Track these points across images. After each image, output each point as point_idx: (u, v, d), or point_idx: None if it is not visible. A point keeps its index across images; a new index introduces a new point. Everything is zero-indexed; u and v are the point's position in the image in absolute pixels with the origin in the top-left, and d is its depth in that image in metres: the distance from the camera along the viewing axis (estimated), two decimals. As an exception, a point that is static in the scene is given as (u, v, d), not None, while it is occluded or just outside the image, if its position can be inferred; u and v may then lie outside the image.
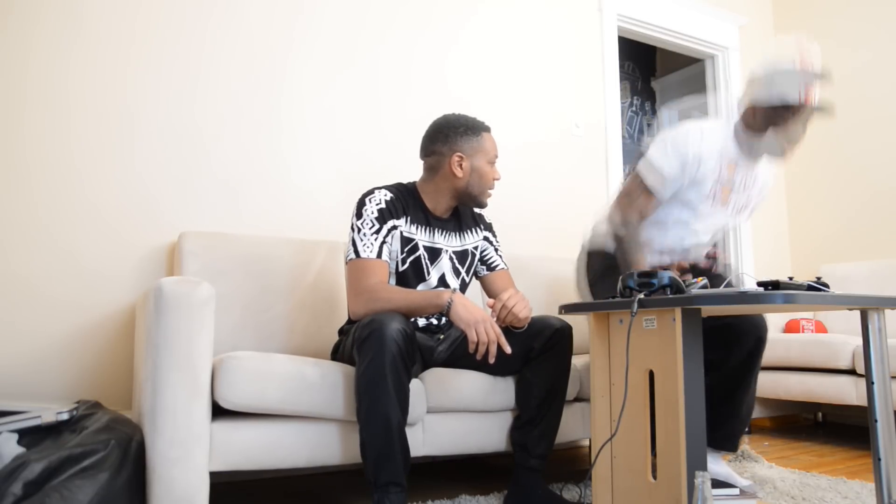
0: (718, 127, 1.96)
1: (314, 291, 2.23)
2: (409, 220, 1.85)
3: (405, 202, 1.86)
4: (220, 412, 1.57)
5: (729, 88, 3.74)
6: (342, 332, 1.94)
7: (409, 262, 1.85)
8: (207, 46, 2.36)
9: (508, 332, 1.80)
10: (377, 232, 1.79)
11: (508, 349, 1.70)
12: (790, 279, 1.50)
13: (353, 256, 1.78)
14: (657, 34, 3.56)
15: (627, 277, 1.54)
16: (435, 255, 1.89)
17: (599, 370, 1.68)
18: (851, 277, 3.33)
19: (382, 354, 1.53)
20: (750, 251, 3.67)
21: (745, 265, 3.62)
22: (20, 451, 1.42)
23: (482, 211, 2.07)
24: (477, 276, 2.05)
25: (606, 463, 1.65)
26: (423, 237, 1.87)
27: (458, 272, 1.94)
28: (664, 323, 1.48)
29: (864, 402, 2.66)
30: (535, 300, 2.53)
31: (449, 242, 1.93)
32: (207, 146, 2.32)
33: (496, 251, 2.06)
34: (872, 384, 1.61)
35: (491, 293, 2.04)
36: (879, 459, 1.58)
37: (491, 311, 1.78)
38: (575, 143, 3.19)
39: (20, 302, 1.99)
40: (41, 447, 1.44)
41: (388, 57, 2.71)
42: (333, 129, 2.56)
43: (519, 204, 2.97)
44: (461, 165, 1.85)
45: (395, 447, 1.56)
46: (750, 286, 1.44)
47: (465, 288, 1.98)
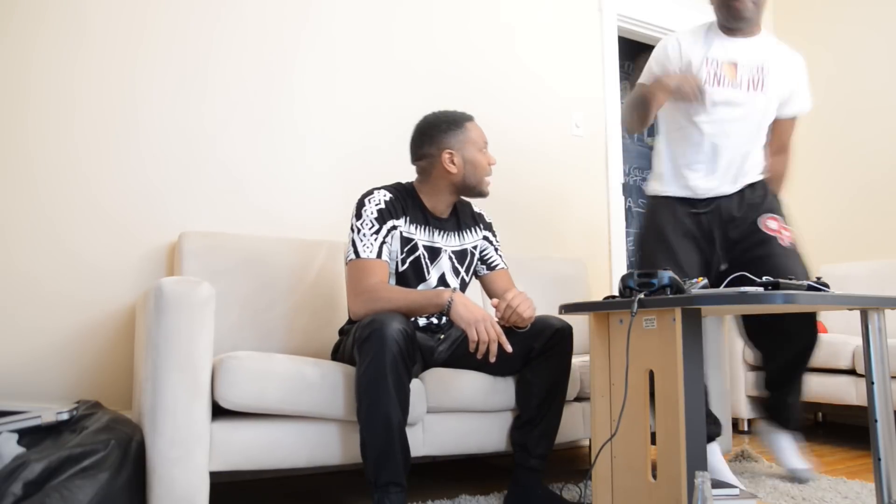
0: (696, 29, 2.18)
1: (314, 291, 2.23)
2: (408, 220, 1.85)
3: (404, 202, 1.86)
4: (220, 412, 1.57)
5: (729, 88, 3.74)
6: (342, 332, 1.94)
7: (408, 262, 1.85)
8: (210, 47, 2.35)
9: (509, 331, 1.79)
10: (377, 232, 1.79)
11: (509, 348, 1.70)
12: (790, 279, 1.50)
13: (352, 257, 1.78)
14: (657, 34, 3.56)
15: (627, 277, 1.54)
16: (434, 254, 1.89)
17: (599, 370, 1.68)
18: (851, 277, 3.33)
19: (383, 354, 1.53)
20: (750, 251, 3.66)
21: (745, 265, 3.60)
22: (20, 451, 1.42)
23: (480, 207, 2.07)
24: (477, 275, 2.05)
25: (606, 463, 1.65)
26: (422, 237, 1.87)
27: (457, 272, 1.94)
28: (664, 323, 1.48)
29: (864, 402, 2.66)
30: (535, 300, 2.52)
31: (448, 242, 1.93)
32: (209, 146, 2.32)
33: (496, 251, 2.06)
34: (872, 384, 1.61)
35: (491, 292, 2.04)
36: (879, 459, 1.58)
37: (495, 310, 1.78)
38: (575, 143, 3.19)
39: (20, 301, 1.99)
40: (41, 447, 1.44)
41: (389, 57, 2.71)
42: (335, 129, 2.56)
43: (519, 204, 2.97)
44: (453, 161, 1.85)
45: (395, 447, 1.56)
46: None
47: (464, 287, 1.98)
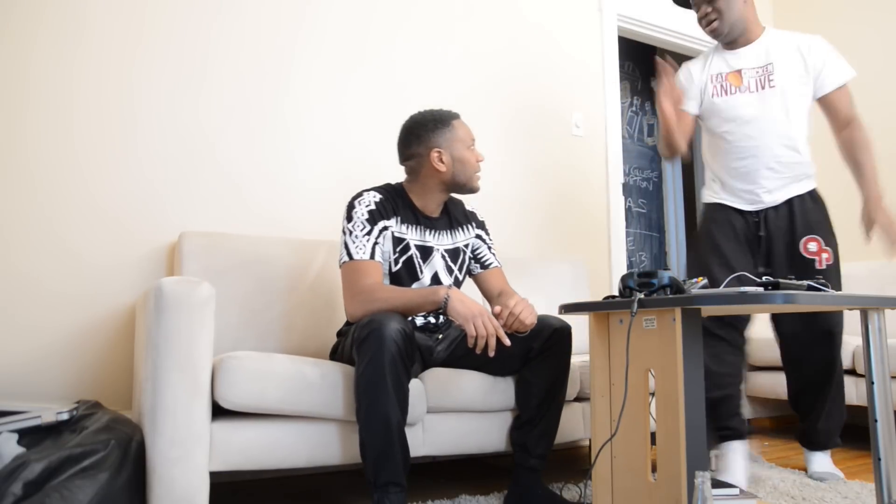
0: (705, 52, 2.35)
1: (314, 291, 2.23)
2: (399, 220, 1.86)
3: (394, 203, 1.87)
4: (220, 412, 1.57)
5: (729, 88, 3.74)
6: (340, 333, 1.94)
7: (401, 261, 1.85)
8: (210, 47, 2.35)
9: (509, 335, 1.78)
10: (368, 233, 1.79)
11: (507, 341, 1.69)
12: (790, 279, 1.50)
13: (346, 259, 1.78)
14: (657, 34, 3.56)
15: (627, 277, 1.54)
16: (427, 254, 1.89)
17: (599, 370, 1.68)
18: (851, 277, 3.32)
19: (381, 354, 1.53)
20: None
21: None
22: (20, 451, 1.42)
23: (479, 206, 2.07)
24: (471, 274, 2.05)
25: (606, 463, 1.65)
26: (413, 237, 1.87)
27: (450, 270, 1.94)
28: (664, 323, 1.48)
29: (864, 402, 2.66)
30: (534, 300, 2.52)
31: (440, 241, 1.93)
32: (209, 146, 2.32)
33: (489, 249, 2.06)
34: (872, 384, 1.61)
35: (485, 291, 2.04)
36: (879, 459, 1.58)
37: (498, 318, 1.76)
38: (575, 143, 3.19)
39: (20, 301, 1.99)
40: (41, 447, 1.44)
41: (391, 57, 2.71)
42: (335, 129, 2.56)
43: (519, 204, 2.97)
44: (442, 160, 1.85)
45: (394, 447, 1.56)
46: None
47: (459, 286, 1.98)
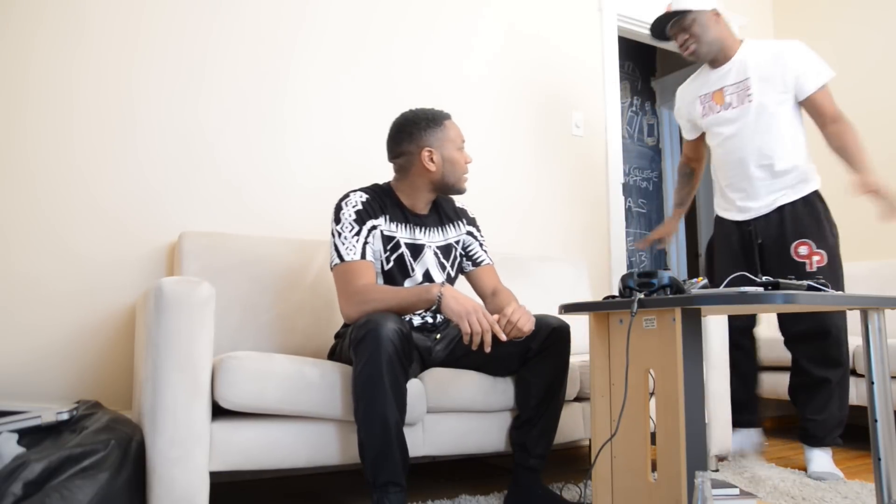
0: (694, 75, 2.54)
1: (314, 292, 2.23)
2: (387, 218, 1.86)
3: (382, 201, 1.87)
4: (220, 412, 1.57)
5: (729, 88, 3.73)
6: (338, 335, 1.94)
7: (392, 260, 1.85)
8: (209, 47, 2.35)
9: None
10: (357, 234, 1.79)
11: (503, 336, 1.68)
12: (790, 279, 1.50)
13: (337, 262, 1.78)
14: (657, 34, 3.56)
15: (627, 277, 1.54)
16: (417, 251, 1.89)
17: (599, 370, 1.68)
18: (851, 277, 3.32)
19: (379, 354, 1.53)
20: (750, 251, 3.66)
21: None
22: (20, 451, 1.42)
23: (461, 202, 2.07)
24: (463, 271, 2.05)
25: (606, 463, 1.65)
26: (403, 235, 1.87)
27: (443, 266, 1.95)
28: (664, 323, 1.48)
29: (864, 402, 2.66)
30: (534, 300, 2.53)
31: (431, 238, 1.93)
32: (208, 146, 2.32)
33: (481, 246, 2.06)
34: (872, 384, 1.61)
35: (478, 289, 2.05)
36: (879, 459, 1.58)
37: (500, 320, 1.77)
38: (575, 143, 3.19)
39: (20, 301, 1.99)
40: (41, 447, 1.44)
41: (390, 58, 2.71)
42: (335, 129, 2.56)
43: (519, 204, 2.97)
44: (432, 159, 1.85)
45: (393, 447, 1.56)
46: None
47: (451, 282, 1.98)
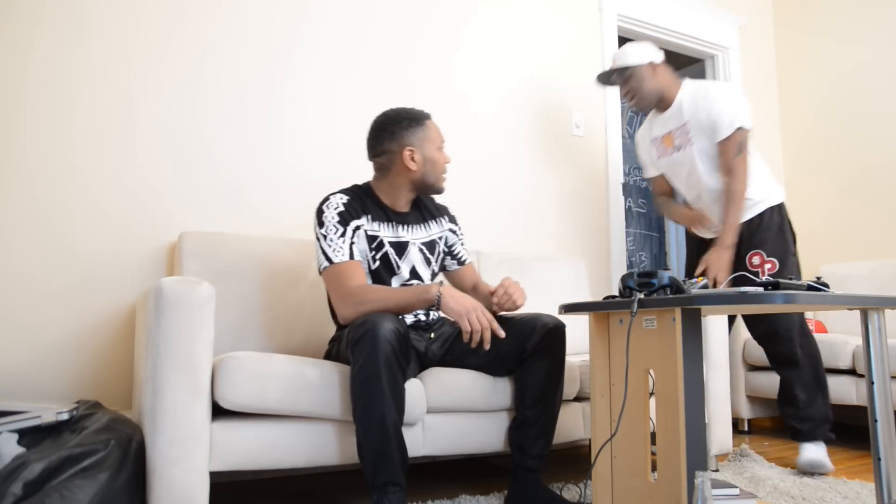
0: (649, 116, 2.66)
1: (314, 292, 2.23)
2: (370, 218, 1.86)
3: (362, 202, 1.87)
4: (220, 412, 1.57)
5: (729, 88, 3.74)
6: (333, 339, 1.94)
7: (378, 259, 1.86)
8: (209, 46, 2.35)
9: (501, 321, 1.79)
10: (342, 235, 1.79)
11: (502, 333, 1.70)
12: (790, 279, 1.50)
13: (326, 265, 1.77)
14: (657, 34, 3.56)
15: (627, 277, 1.54)
16: (402, 249, 1.90)
17: (599, 370, 1.68)
18: (851, 277, 3.33)
19: (376, 354, 1.53)
20: (750, 251, 3.66)
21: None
22: (20, 451, 1.42)
23: (440, 199, 2.09)
24: (445, 269, 2.06)
25: (606, 463, 1.65)
26: (386, 233, 1.88)
27: (428, 262, 1.95)
28: (664, 323, 1.48)
29: (864, 402, 2.66)
30: (534, 300, 2.52)
31: (414, 235, 1.93)
32: (208, 146, 2.32)
33: (462, 244, 2.08)
34: (872, 384, 1.61)
35: (460, 286, 2.06)
36: (879, 459, 1.58)
37: (493, 296, 1.83)
38: (575, 143, 3.19)
39: (20, 301, 1.99)
40: (41, 447, 1.44)
41: (388, 57, 2.71)
42: (335, 129, 2.56)
43: (519, 204, 2.97)
44: (413, 158, 1.86)
45: (391, 447, 1.56)
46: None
47: (435, 276, 1.99)
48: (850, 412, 3.35)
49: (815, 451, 2.30)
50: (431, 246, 1.97)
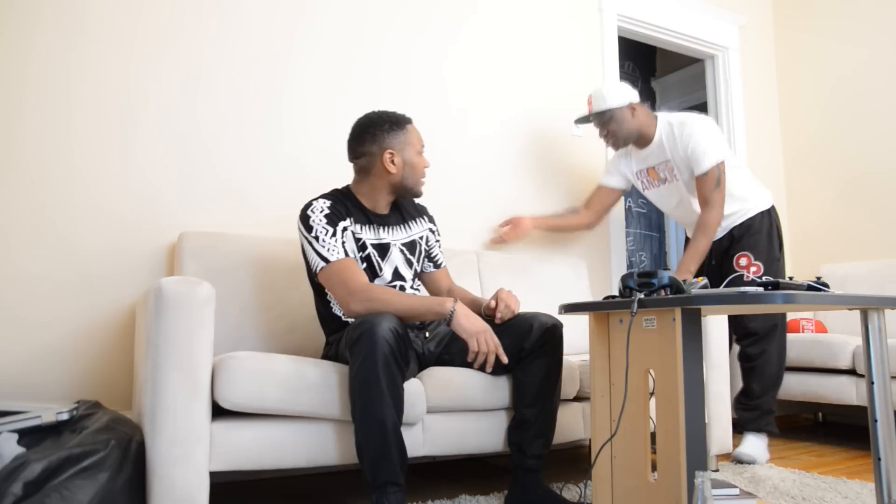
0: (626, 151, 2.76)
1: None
2: (352, 220, 1.87)
3: (344, 205, 1.88)
4: (220, 412, 1.57)
5: (729, 89, 3.74)
6: (328, 343, 1.94)
7: (362, 260, 1.87)
8: (209, 46, 2.35)
9: (499, 331, 1.83)
10: (333, 235, 1.79)
11: (505, 359, 1.77)
12: (790, 279, 1.50)
13: (322, 265, 1.77)
14: (657, 34, 3.56)
15: (627, 277, 1.54)
16: (384, 250, 1.90)
17: (599, 370, 1.68)
18: (851, 277, 3.33)
19: (374, 354, 1.53)
20: (750, 251, 3.66)
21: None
22: (20, 451, 1.42)
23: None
24: (421, 272, 2.06)
25: (606, 463, 1.65)
26: (368, 236, 1.88)
27: (410, 263, 1.96)
28: (664, 323, 1.48)
29: (864, 402, 2.66)
30: (534, 301, 2.53)
31: (395, 236, 1.94)
32: (208, 146, 2.32)
33: (439, 247, 2.10)
34: (872, 384, 1.61)
35: (434, 290, 2.08)
36: (879, 459, 1.58)
37: (496, 311, 1.86)
38: (575, 143, 3.19)
39: (21, 301, 1.99)
40: (41, 447, 1.44)
41: (388, 57, 2.71)
42: (334, 129, 2.55)
43: (519, 204, 2.97)
44: (393, 161, 1.87)
45: (390, 447, 1.56)
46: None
47: (417, 277, 2.01)
48: (850, 412, 3.36)
49: (756, 443, 2.49)
50: (412, 246, 1.98)
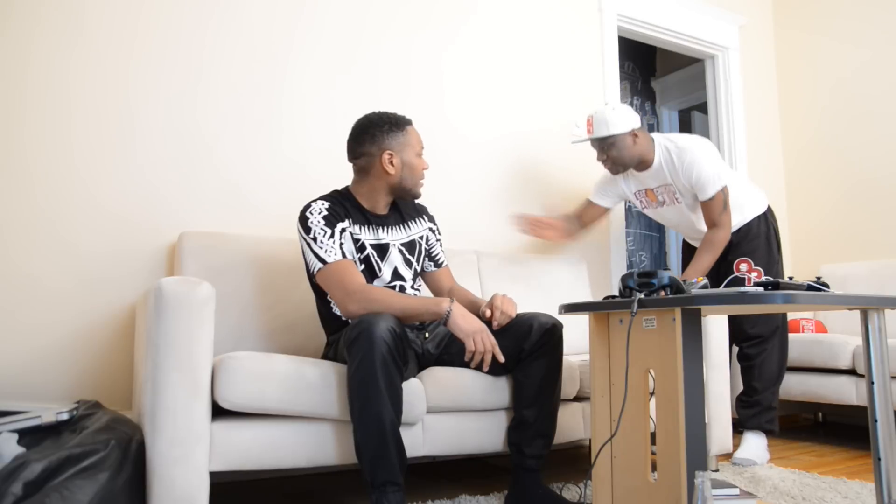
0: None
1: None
2: (351, 221, 1.87)
3: (343, 206, 1.88)
4: (220, 412, 1.57)
5: (729, 89, 3.74)
6: (328, 343, 1.94)
7: (361, 261, 1.87)
8: (208, 46, 2.35)
9: (498, 332, 1.84)
10: (331, 237, 1.80)
11: (502, 358, 1.77)
12: (790, 279, 1.51)
13: (320, 266, 1.78)
14: (657, 34, 3.56)
15: (627, 277, 1.54)
16: (383, 251, 1.90)
17: (599, 370, 1.68)
18: (851, 277, 3.33)
19: (372, 354, 1.53)
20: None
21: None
22: (20, 451, 1.42)
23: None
24: (422, 271, 2.06)
25: (606, 463, 1.65)
26: (367, 236, 1.89)
27: (409, 263, 1.96)
28: (664, 323, 1.48)
29: (864, 402, 2.66)
30: (534, 300, 2.53)
31: (394, 236, 1.94)
32: (208, 146, 2.32)
33: (440, 246, 2.09)
34: (872, 384, 1.61)
35: (435, 289, 2.08)
36: (879, 459, 1.58)
37: (491, 319, 1.85)
38: (574, 143, 3.18)
39: (20, 301, 1.99)
40: (41, 447, 1.44)
41: (388, 56, 2.71)
42: (334, 128, 2.55)
43: (519, 204, 2.97)
44: (392, 162, 1.87)
45: (389, 447, 1.56)
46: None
47: (417, 277, 2.00)
48: (850, 412, 3.36)
49: (755, 444, 2.48)
50: (411, 246, 1.98)
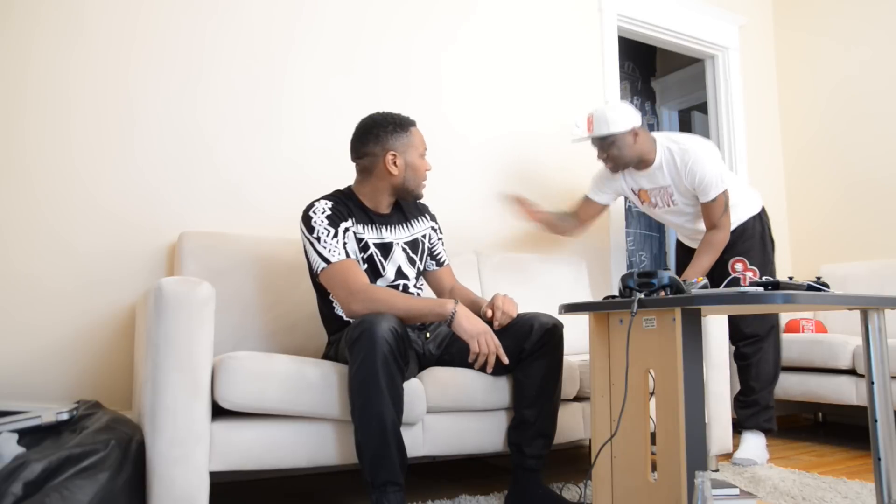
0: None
1: (314, 292, 2.23)
2: (354, 221, 1.87)
3: (346, 206, 1.88)
4: (220, 412, 1.57)
5: (729, 89, 3.73)
6: (330, 342, 1.95)
7: (365, 261, 1.87)
8: (208, 46, 2.35)
9: (499, 332, 1.84)
10: (335, 236, 1.80)
11: (506, 360, 1.78)
12: (790, 279, 1.50)
13: (323, 266, 1.78)
14: (657, 34, 3.56)
15: (627, 277, 1.54)
16: (386, 250, 1.91)
17: (599, 370, 1.68)
18: (851, 277, 3.33)
19: (374, 354, 1.53)
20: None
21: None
22: (20, 451, 1.42)
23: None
24: (424, 270, 2.06)
25: (606, 463, 1.65)
26: (371, 235, 1.89)
27: (413, 261, 1.96)
28: (664, 323, 1.48)
29: (864, 402, 2.66)
30: (534, 301, 2.53)
31: (397, 235, 1.94)
32: (208, 146, 2.32)
33: (441, 244, 2.10)
34: (872, 384, 1.61)
35: (437, 288, 2.08)
36: (879, 459, 1.58)
37: (493, 320, 1.85)
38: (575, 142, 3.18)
39: (20, 302, 1.99)
40: (41, 447, 1.44)
41: (387, 56, 2.71)
42: (334, 128, 2.55)
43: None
44: (395, 163, 1.87)
45: (390, 447, 1.56)
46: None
47: (420, 276, 2.01)
48: (850, 412, 3.36)
49: (754, 444, 2.49)
50: (414, 245, 1.98)
